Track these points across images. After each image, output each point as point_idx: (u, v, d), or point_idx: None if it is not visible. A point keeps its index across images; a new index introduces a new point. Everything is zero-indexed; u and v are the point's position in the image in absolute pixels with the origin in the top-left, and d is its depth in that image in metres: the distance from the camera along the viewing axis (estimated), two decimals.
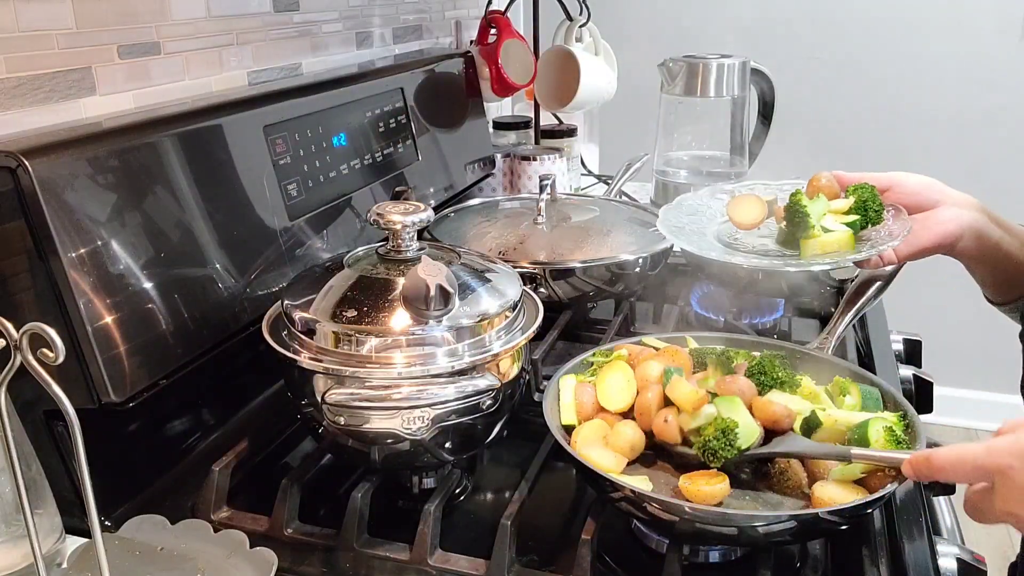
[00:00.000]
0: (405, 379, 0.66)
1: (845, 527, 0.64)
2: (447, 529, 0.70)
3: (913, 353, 1.09)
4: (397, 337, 0.66)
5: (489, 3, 1.52)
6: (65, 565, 0.62)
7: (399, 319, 0.67)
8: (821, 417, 0.68)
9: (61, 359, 0.47)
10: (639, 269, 1.03)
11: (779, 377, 0.70)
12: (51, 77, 0.81)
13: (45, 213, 0.64)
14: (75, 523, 0.66)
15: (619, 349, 0.79)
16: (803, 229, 0.84)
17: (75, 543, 0.64)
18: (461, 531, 0.72)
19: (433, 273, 0.67)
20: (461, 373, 0.67)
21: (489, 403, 0.69)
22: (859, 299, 0.92)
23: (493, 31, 1.50)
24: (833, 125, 2.39)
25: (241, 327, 0.81)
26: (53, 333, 0.46)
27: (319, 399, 0.67)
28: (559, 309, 1.02)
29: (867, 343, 1.03)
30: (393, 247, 0.75)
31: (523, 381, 0.77)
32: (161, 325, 0.72)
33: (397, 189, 1.11)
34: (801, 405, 0.69)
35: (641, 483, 0.65)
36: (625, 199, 1.46)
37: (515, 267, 0.83)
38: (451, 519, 0.73)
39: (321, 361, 0.67)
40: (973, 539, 0.83)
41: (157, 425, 0.80)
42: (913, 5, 2.30)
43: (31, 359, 0.47)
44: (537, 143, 1.60)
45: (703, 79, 1.45)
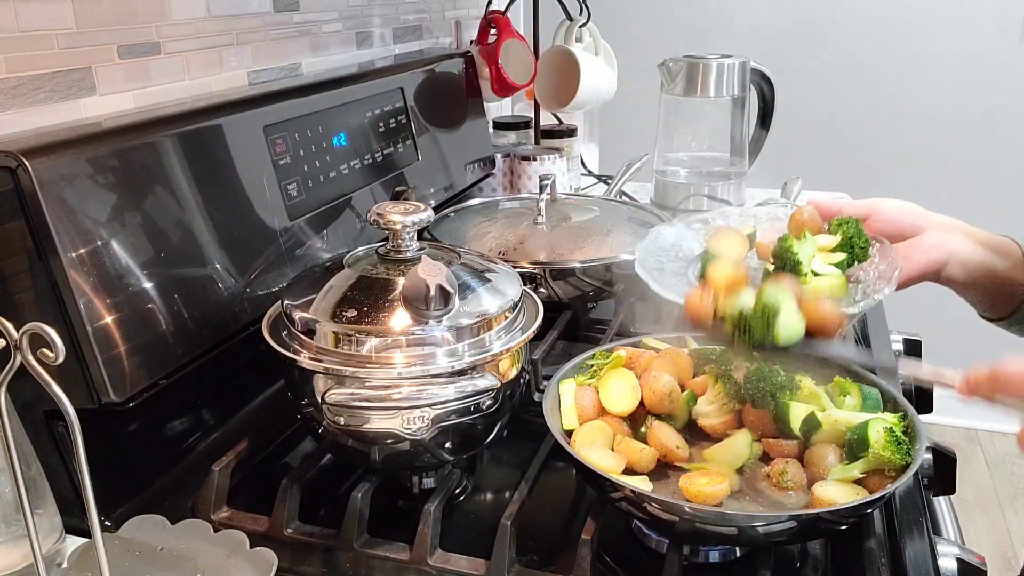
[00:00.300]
0: (405, 379, 0.66)
1: (845, 527, 0.64)
2: (447, 529, 0.70)
3: (913, 353, 1.09)
4: (397, 337, 0.66)
5: (489, 3, 1.52)
6: (65, 565, 0.62)
7: (399, 319, 0.67)
8: (821, 417, 0.68)
9: (61, 359, 0.47)
10: None
11: (779, 383, 0.70)
12: (51, 77, 0.81)
13: (45, 213, 0.64)
14: (75, 523, 0.66)
15: (618, 351, 0.79)
16: (795, 276, 0.75)
17: (75, 543, 0.64)
18: (461, 531, 0.72)
19: (433, 273, 0.67)
20: (461, 373, 0.67)
21: (489, 403, 0.69)
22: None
23: (493, 31, 1.50)
24: (833, 125, 2.39)
25: (241, 327, 0.81)
26: (53, 333, 0.46)
27: (319, 399, 0.67)
28: (559, 309, 1.02)
29: (867, 343, 1.03)
30: (393, 247, 0.75)
31: (523, 381, 0.77)
32: (161, 325, 0.72)
33: (397, 189, 1.11)
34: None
35: (641, 483, 0.65)
36: (625, 199, 1.46)
37: (515, 267, 0.83)
38: (451, 519, 0.73)
39: (321, 361, 0.67)
40: (973, 539, 0.83)
41: (157, 425, 0.80)
42: (913, 5, 2.30)
43: (31, 359, 0.47)
44: (537, 143, 1.60)
45: (703, 79, 1.45)
